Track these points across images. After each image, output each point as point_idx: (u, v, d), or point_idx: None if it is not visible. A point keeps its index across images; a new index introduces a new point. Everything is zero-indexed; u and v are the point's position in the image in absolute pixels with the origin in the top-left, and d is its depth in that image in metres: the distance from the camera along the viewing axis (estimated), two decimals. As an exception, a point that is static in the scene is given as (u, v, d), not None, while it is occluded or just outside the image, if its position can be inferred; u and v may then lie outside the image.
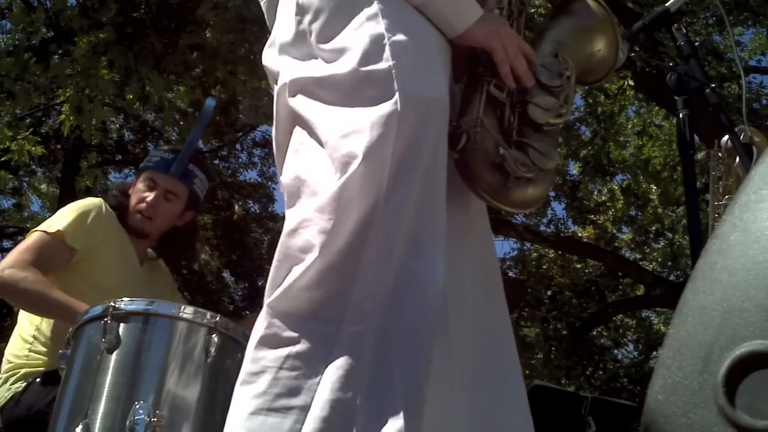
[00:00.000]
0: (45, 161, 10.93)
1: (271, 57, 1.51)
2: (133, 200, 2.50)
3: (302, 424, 1.15)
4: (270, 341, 1.24)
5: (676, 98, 1.90)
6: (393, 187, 1.24)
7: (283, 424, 1.16)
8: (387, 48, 1.30)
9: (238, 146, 12.40)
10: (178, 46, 6.14)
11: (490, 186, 1.33)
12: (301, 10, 1.42)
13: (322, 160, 1.31)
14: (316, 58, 1.38)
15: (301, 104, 1.37)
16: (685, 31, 1.94)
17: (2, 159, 7.23)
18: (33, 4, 6.55)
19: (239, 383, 1.25)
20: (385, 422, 1.13)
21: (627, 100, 8.79)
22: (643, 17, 1.96)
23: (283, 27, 1.48)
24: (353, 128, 1.26)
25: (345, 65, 1.31)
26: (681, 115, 1.88)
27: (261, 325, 1.26)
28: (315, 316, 1.23)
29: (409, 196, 1.25)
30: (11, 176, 10.00)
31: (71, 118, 6.06)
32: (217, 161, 12.51)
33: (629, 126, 9.76)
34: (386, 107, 1.26)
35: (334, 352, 1.19)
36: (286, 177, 1.39)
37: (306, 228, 1.27)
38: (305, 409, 1.16)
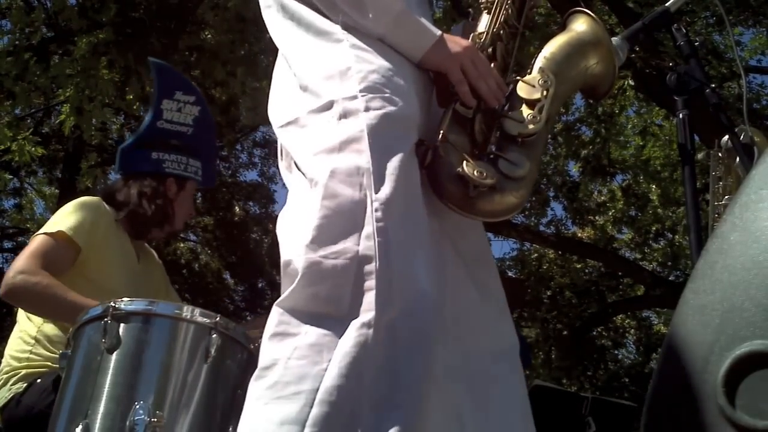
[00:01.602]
0: (45, 162, 10.93)
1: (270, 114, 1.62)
2: (184, 212, 2.58)
3: (311, 407, 1.20)
4: (280, 336, 1.30)
5: (676, 98, 1.90)
6: (379, 184, 1.33)
7: (293, 409, 1.21)
8: (355, 76, 1.41)
9: (238, 146, 12.40)
10: (178, 47, 6.14)
11: (455, 197, 1.40)
12: (286, 51, 1.58)
13: (301, 189, 1.42)
14: (298, 98, 1.50)
15: (284, 136, 1.52)
16: (685, 31, 1.94)
17: (2, 159, 7.23)
18: (33, 4, 6.54)
19: (253, 379, 1.30)
20: (389, 415, 1.19)
21: (627, 100, 8.78)
22: (643, 17, 1.96)
23: (277, 72, 1.63)
24: (324, 146, 1.38)
25: (320, 99, 1.43)
26: (681, 115, 1.88)
27: (271, 323, 1.33)
28: (321, 310, 1.29)
29: (395, 195, 1.32)
30: (11, 177, 10.01)
31: (71, 118, 6.06)
32: (217, 161, 12.50)
33: (629, 126, 9.76)
34: (353, 124, 1.37)
35: (341, 342, 1.25)
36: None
37: (295, 231, 1.37)
38: (313, 392, 1.22)
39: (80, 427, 1.64)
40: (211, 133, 2.74)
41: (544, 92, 1.50)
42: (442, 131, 1.42)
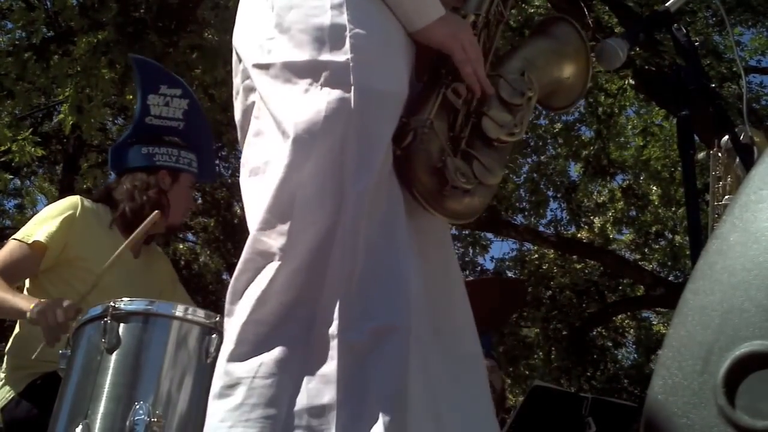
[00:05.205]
0: (45, 161, 10.93)
1: (237, 40, 1.49)
2: (181, 205, 2.54)
3: None
4: (242, 353, 1.21)
5: (676, 98, 1.90)
6: (358, 172, 1.23)
7: None
8: (347, 40, 1.30)
9: (238, 146, 12.38)
10: (178, 46, 6.14)
11: (426, 189, 1.32)
12: None
13: (276, 146, 1.29)
14: (275, 39, 1.36)
15: (259, 79, 1.36)
16: (685, 30, 1.94)
17: (2, 159, 7.23)
18: (33, 3, 6.54)
19: (214, 397, 1.22)
20: (368, 427, 1.12)
21: (627, 100, 8.78)
22: (643, 17, 1.96)
23: (252, 10, 1.46)
24: (306, 117, 1.26)
25: (303, 53, 1.31)
26: (681, 115, 1.88)
27: (231, 338, 1.24)
28: (287, 320, 1.21)
29: (371, 184, 1.23)
30: (12, 177, 10.01)
31: (70, 117, 6.06)
32: (217, 161, 12.50)
33: (629, 126, 9.76)
34: (340, 98, 1.26)
35: (308, 355, 1.18)
36: (249, 162, 1.37)
37: (268, 231, 1.26)
38: (282, 418, 1.15)
39: (80, 427, 1.64)
40: (203, 125, 2.70)
41: (527, 99, 1.44)
42: (429, 117, 1.33)
